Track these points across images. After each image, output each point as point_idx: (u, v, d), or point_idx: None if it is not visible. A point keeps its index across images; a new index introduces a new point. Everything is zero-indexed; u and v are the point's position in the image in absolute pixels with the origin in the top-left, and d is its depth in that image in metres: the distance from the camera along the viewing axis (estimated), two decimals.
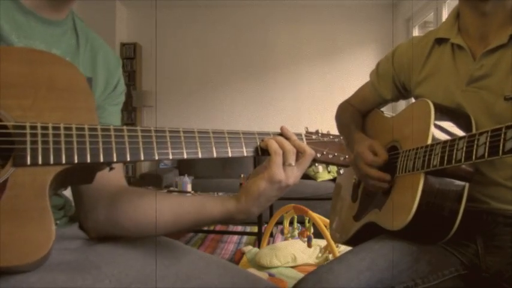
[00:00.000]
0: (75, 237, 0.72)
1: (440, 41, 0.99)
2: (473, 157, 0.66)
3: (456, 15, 0.97)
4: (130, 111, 5.22)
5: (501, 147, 0.61)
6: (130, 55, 5.25)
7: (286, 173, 0.67)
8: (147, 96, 5.04)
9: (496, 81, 0.86)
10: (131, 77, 5.24)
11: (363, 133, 1.11)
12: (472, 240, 0.87)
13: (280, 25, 5.28)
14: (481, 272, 0.85)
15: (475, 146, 0.66)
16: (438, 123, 0.84)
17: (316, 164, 0.74)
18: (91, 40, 0.79)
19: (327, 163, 0.76)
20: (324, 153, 0.75)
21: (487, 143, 0.64)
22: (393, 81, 1.11)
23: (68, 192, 0.80)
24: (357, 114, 1.20)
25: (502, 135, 0.61)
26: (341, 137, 0.80)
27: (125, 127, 0.59)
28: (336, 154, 0.76)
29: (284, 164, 0.68)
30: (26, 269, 0.52)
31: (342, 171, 0.78)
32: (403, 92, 1.12)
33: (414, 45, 1.07)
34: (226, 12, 5.32)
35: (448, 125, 0.85)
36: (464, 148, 0.69)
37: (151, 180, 4.37)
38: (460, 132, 0.83)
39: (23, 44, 0.65)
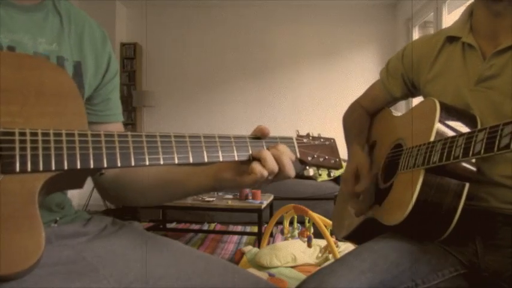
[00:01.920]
0: (75, 235, 0.72)
1: (451, 39, 0.99)
2: (470, 153, 0.67)
3: (470, 13, 0.97)
4: (130, 111, 5.22)
5: (497, 144, 0.61)
6: (130, 55, 5.25)
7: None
8: (147, 96, 5.04)
9: (505, 81, 0.85)
10: (131, 77, 5.24)
11: (365, 137, 1.15)
12: (471, 239, 0.87)
13: (280, 25, 5.28)
14: (480, 271, 0.85)
15: (473, 143, 0.67)
16: (443, 122, 0.84)
17: (307, 167, 0.74)
18: (74, 17, 0.77)
19: (318, 166, 0.76)
20: (315, 156, 0.75)
21: (484, 140, 0.64)
22: (402, 79, 1.11)
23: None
24: (363, 118, 1.21)
25: (499, 132, 0.61)
26: (332, 140, 0.80)
27: (115, 132, 0.59)
28: (326, 157, 0.77)
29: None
30: (14, 277, 0.51)
31: (332, 174, 0.78)
32: (412, 90, 1.12)
33: (425, 42, 1.07)
34: (226, 12, 5.31)
35: (455, 125, 0.85)
36: (463, 145, 0.69)
37: None
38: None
39: (9, 40, 0.65)
